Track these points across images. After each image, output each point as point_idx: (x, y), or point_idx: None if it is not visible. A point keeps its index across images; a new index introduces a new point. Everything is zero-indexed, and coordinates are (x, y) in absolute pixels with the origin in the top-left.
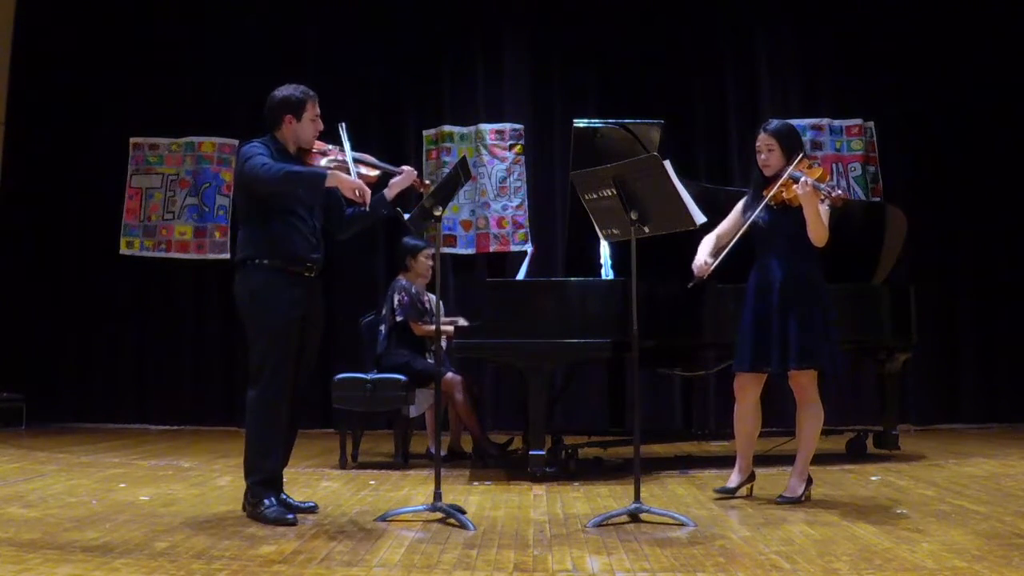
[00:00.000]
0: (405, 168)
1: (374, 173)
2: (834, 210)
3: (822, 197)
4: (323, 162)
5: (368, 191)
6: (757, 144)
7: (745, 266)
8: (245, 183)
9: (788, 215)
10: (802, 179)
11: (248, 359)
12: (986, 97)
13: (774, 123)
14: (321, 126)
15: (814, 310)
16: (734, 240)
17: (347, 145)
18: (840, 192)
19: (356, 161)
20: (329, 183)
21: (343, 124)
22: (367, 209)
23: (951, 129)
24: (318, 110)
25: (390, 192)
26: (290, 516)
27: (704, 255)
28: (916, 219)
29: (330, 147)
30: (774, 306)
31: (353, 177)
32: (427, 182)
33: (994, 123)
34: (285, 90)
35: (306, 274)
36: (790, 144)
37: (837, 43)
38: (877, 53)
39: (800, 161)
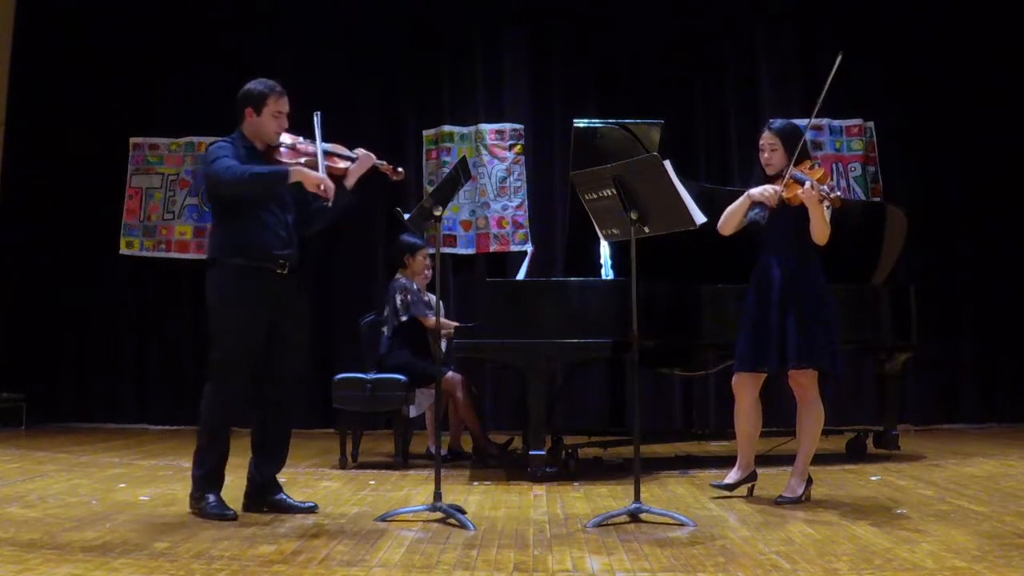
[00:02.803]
0: (359, 152)
1: (343, 165)
2: (833, 208)
3: (821, 198)
4: (288, 158)
5: (332, 186)
6: (760, 143)
7: (745, 266)
8: (210, 185)
9: (787, 214)
10: (807, 183)
11: (208, 354)
12: (986, 97)
13: (778, 122)
14: (285, 123)
15: (814, 309)
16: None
17: (319, 135)
18: (838, 193)
19: (326, 153)
20: (292, 179)
21: (317, 113)
22: (330, 204)
23: (951, 129)
24: (284, 107)
25: (349, 180)
26: (230, 512)
27: (762, 187)
28: (916, 219)
29: (300, 140)
30: (774, 305)
31: (321, 171)
32: (399, 169)
33: (994, 122)
34: (251, 83)
35: (277, 271)
36: (793, 144)
37: (837, 43)
38: (877, 53)
39: (802, 162)
